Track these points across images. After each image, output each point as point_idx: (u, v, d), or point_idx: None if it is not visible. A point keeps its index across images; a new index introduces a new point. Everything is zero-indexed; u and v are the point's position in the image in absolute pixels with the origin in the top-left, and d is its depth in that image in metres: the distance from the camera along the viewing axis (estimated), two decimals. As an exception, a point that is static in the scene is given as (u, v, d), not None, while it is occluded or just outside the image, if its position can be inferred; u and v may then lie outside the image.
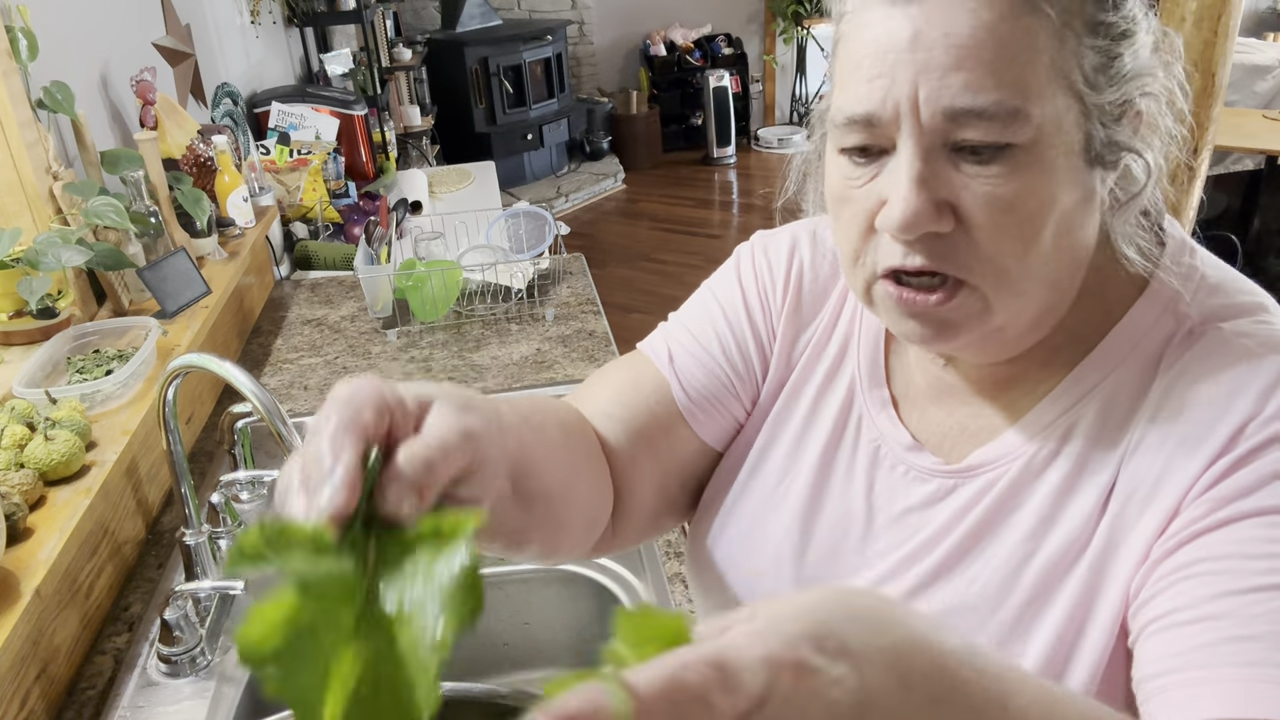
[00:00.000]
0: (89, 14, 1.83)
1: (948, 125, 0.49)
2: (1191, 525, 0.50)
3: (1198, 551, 0.49)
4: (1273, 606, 0.45)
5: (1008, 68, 0.48)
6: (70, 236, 1.35)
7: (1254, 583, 0.46)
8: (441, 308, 1.91)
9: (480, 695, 0.71)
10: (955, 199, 0.51)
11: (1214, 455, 0.51)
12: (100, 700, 1.06)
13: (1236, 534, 0.48)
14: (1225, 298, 0.57)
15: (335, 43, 4.10)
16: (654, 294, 4.63)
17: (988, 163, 0.50)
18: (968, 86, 0.48)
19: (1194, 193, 2.51)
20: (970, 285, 0.53)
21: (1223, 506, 0.49)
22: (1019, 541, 0.57)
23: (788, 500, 0.68)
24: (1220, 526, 0.49)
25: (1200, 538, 0.49)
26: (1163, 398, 0.54)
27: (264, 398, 0.94)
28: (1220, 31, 2.30)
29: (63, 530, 1.04)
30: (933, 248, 0.52)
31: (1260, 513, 0.48)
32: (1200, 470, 0.51)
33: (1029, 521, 0.57)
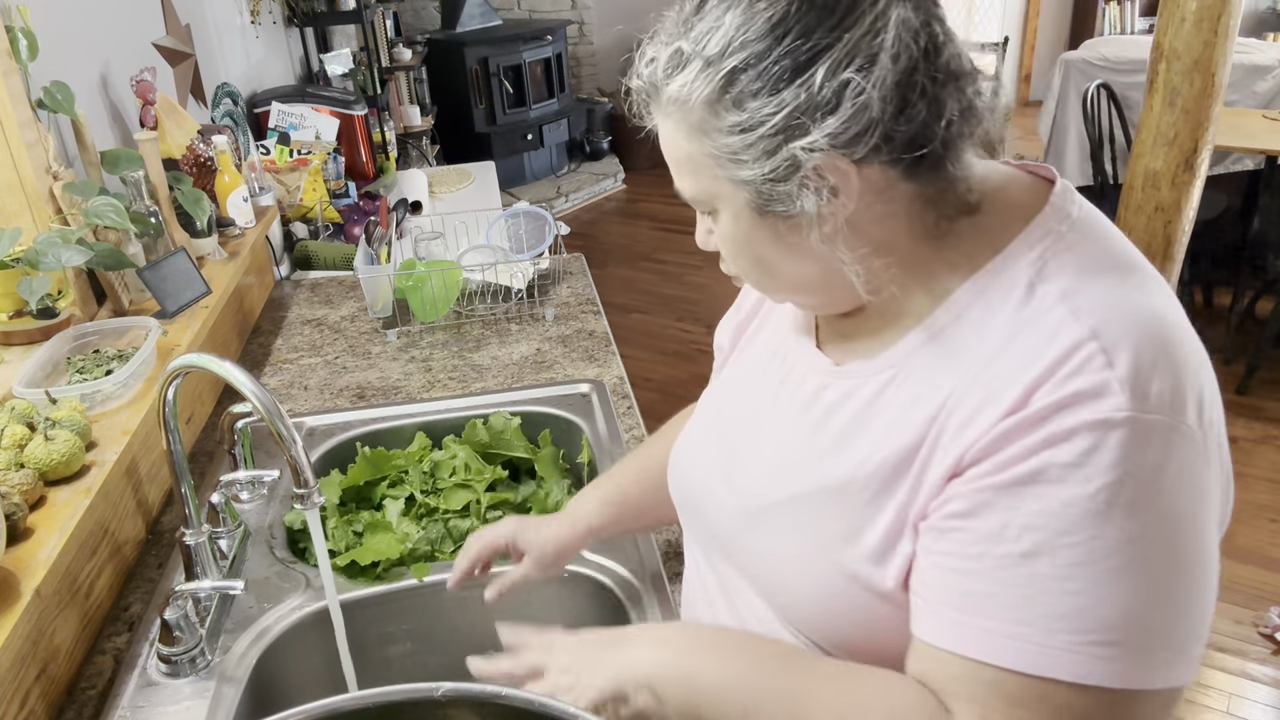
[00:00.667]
0: (89, 14, 1.83)
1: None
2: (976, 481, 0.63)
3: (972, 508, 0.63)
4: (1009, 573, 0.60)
5: (679, 163, 0.72)
6: (70, 236, 1.35)
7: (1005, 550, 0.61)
8: (441, 308, 1.91)
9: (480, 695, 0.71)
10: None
11: (1008, 410, 0.62)
12: (100, 700, 1.06)
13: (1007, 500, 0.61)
14: (1074, 265, 0.67)
15: (335, 43, 4.10)
16: (654, 294, 4.63)
17: (705, 217, 0.76)
18: (675, 172, 0.74)
19: (1193, 192, 2.51)
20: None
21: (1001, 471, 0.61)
22: (875, 440, 0.70)
23: (721, 403, 0.91)
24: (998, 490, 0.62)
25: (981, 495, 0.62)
26: (993, 350, 0.65)
27: (264, 398, 0.94)
28: (1220, 31, 2.30)
29: (63, 530, 1.04)
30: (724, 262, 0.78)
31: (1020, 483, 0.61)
32: (997, 419, 0.62)
33: (882, 423, 0.71)
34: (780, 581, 0.76)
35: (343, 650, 1.03)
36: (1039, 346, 0.62)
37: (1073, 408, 0.59)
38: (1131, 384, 0.59)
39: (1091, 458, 0.58)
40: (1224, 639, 2.43)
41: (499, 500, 1.36)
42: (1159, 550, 0.59)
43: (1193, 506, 0.60)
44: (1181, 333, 0.65)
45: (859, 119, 0.62)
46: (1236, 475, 0.72)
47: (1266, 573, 2.65)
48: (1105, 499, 0.58)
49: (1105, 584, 0.58)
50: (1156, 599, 0.59)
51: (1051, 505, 0.59)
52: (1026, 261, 0.67)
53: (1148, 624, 0.58)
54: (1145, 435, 0.58)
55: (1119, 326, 0.62)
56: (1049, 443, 0.60)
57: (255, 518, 1.35)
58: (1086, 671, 0.58)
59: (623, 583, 1.19)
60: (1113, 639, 0.58)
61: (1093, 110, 3.68)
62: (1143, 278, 0.67)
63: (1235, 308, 3.73)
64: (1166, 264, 2.61)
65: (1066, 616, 0.58)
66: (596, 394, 1.63)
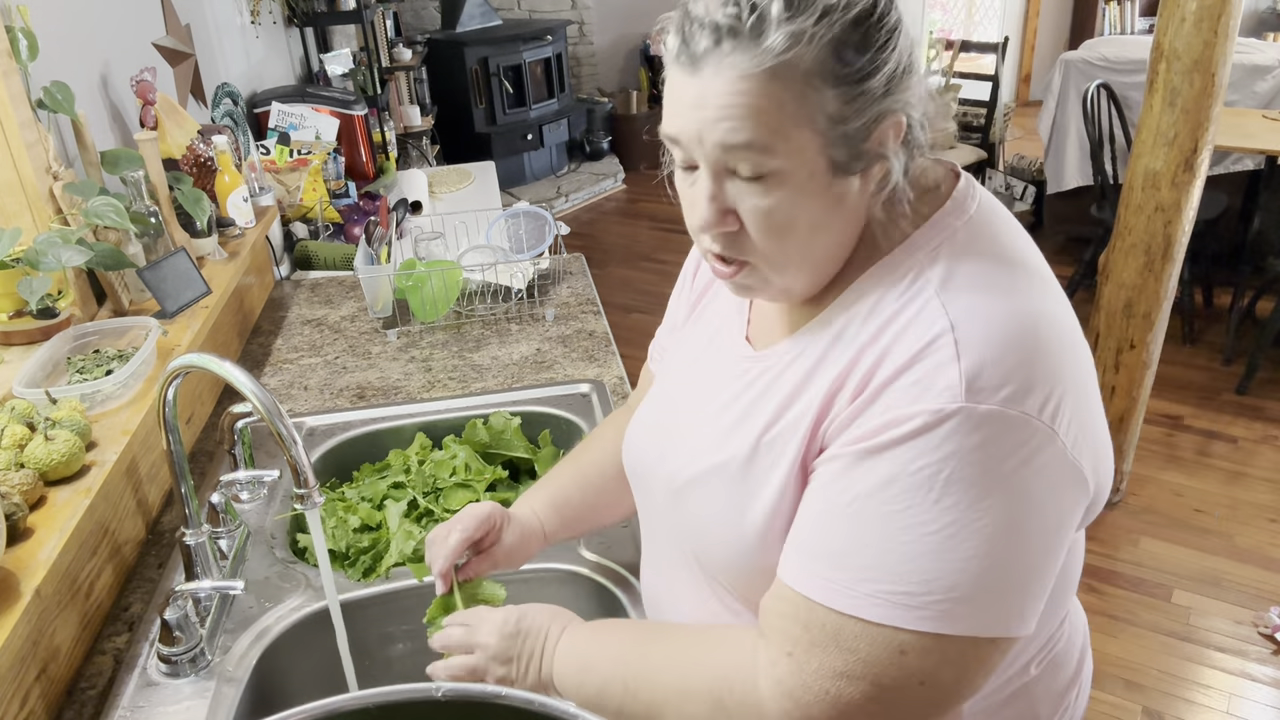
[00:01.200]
0: (89, 14, 1.83)
1: (723, 155, 0.68)
2: (835, 450, 0.72)
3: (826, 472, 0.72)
4: (839, 527, 0.70)
5: (757, 117, 0.66)
6: (70, 236, 1.35)
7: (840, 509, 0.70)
8: (441, 308, 1.91)
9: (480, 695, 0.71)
10: (736, 208, 0.71)
11: (869, 388, 0.70)
12: (100, 700, 1.06)
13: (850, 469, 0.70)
14: (962, 256, 0.72)
15: (335, 43, 4.10)
16: (654, 294, 4.63)
17: (753, 182, 0.69)
18: (731, 129, 0.67)
19: (1194, 192, 2.51)
20: (752, 264, 0.74)
21: (852, 444, 0.70)
22: (771, 414, 0.78)
23: (665, 388, 0.97)
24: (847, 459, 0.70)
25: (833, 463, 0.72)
26: (875, 329, 0.72)
27: (264, 398, 0.94)
28: (1220, 31, 2.30)
29: (63, 530, 1.04)
30: (725, 240, 0.73)
31: (862, 455, 0.69)
32: (855, 395, 0.71)
33: (779, 400, 0.78)
34: (705, 547, 0.83)
35: (343, 650, 1.03)
36: (906, 333, 0.69)
37: (918, 395, 0.67)
38: (970, 377, 0.66)
39: (920, 439, 0.66)
40: (1224, 639, 2.44)
41: (499, 500, 1.36)
42: (972, 523, 0.65)
43: (1023, 488, 0.67)
44: (1049, 332, 0.70)
45: (919, 84, 0.69)
46: (1237, 475, 0.74)
47: (1266, 573, 2.65)
48: (927, 475, 0.66)
49: (916, 547, 0.66)
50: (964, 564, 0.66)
51: (881, 477, 0.68)
52: (921, 254, 0.73)
53: (952, 585, 0.66)
54: (974, 423, 0.65)
55: (979, 321, 0.68)
56: (891, 424, 0.67)
57: (255, 518, 1.35)
58: (883, 615, 0.67)
59: (623, 582, 1.19)
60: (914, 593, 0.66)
61: (1093, 110, 3.68)
62: (1027, 276, 0.73)
63: (1235, 308, 3.73)
64: (1166, 264, 2.61)
65: (874, 568, 0.68)
66: (596, 394, 1.63)
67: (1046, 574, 0.71)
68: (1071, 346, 0.72)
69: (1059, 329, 0.71)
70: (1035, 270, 0.75)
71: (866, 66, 0.66)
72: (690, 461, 0.85)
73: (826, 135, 0.67)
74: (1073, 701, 0.91)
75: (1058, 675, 0.88)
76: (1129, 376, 2.76)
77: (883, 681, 0.68)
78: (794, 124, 0.66)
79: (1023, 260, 0.75)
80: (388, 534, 1.29)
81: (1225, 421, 3.34)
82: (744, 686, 0.74)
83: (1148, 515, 2.90)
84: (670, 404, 0.94)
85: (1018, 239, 0.77)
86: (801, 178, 0.68)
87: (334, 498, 1.41)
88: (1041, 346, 0.68)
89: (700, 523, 0.84)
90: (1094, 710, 2.23)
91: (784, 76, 0.65)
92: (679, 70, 0.69)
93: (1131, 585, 2.63)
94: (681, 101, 0.69)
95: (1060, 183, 4.48)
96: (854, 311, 0.75)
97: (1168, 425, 3.34)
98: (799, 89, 0.65)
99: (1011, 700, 0.85)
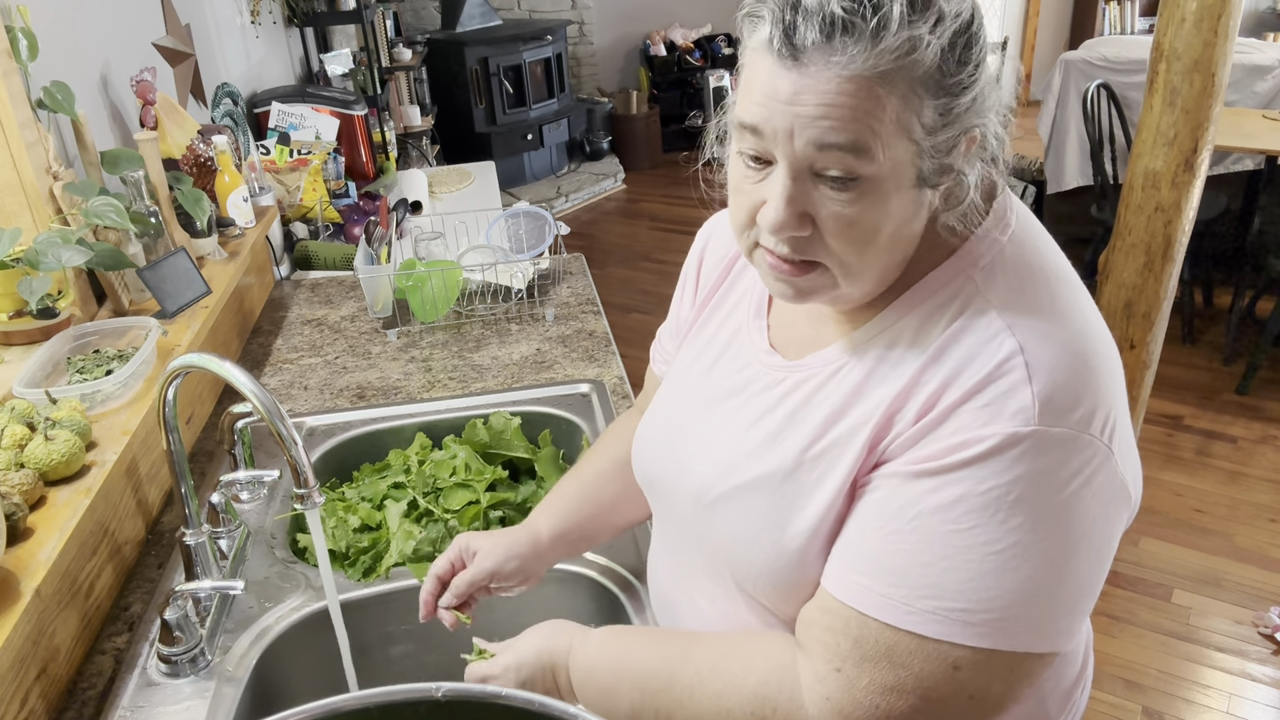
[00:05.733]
0: (89, 14, 1.83)
1: (814, 154, 0.65)
2: (894, 467, 0.70)
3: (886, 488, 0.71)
4: (898, 545, 0.68)
5: (862, 120, 0.63)
6: (70, 236, 1.35)
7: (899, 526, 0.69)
8: (441, 308, 1.91)
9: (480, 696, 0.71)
10: (814, 212, 0.68)
11: (937, 408, 0.68)
12: (100, 700, 1.06)
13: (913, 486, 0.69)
14: (1013, 272, 0.72)
15: (335, 43, 4.10)
16: (654, 294, 4.63)
17: (840, 189, 0.66)
18: (831, 128, 0.63)
19: (1194, 192, 2.51)
20: (824, 267, 0.71)
21: (916, 463, 0.69)
22: (817, 427, 0.76)
23: (677, 396, 0.94)
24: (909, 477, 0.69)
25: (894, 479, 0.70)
26: (930, 353, 0.70)
27: (264, 398, 0.94)
28: (1220, 31, 2.30)
29: (63, 530, 1.04)
30: (795, 243, 0.69)
31: (928, 474, 0.68)
32: (922, 414, 0.69)
33: (825, 412, 0.76)
34: (741, 560, 0.81)
35: (343, 650, 1.03)
36: (975, 356, 0.68)
37: (990, 420, 0.66)
38: (1043, 400, 0.65)
39: (992, 460, 0.65)
40: (1224, 639, 2.44)
41: (499, 500, 1.36)
42: (1035, 544, 0.65)
43: (1082, 509, 0.67)
44: (1099, 347, 0.70)
45: (996, 100, 0.68)
46: (1237, 475, 0.75)
47: (1266, 573, 2.65)
48: (995, 496, 0.65)
49: (980, 566, 0.66)
50: (1023, 584, 0.66)
51: (949, 497, 0.67)
52: (972, 270, 0.72)
53: (1010, 603, 0.66)
54: (1045, 446, 0.65)
55: (1046, 344, 0.67)
56: (962, 446, 0.66)
57: (255, 518, 1.35)
58: (940, 631, 0.67)
59: (623, 582, 1.19)
60: (973, 610, 0.66)
61: (1093, 110, 3.68)
62: (1070, 290, 0.73)
63: (1235, 308, 3.73)
64: (1166, 264, 2.61)
65: (934, 585, 0.67)
66: (596, 394, 1.63)
67: (1095, 590, 0.71)
68: (1114, 359, 0.73)
69: (1105, 344, 0.72)
70: (1075, 283, 0.75)
71: (965, 80, 0.65)
72: (725, 475, 0.82)
73: (920, 145, 0.65)
74: (1078, 699, 0.92)
75: (1066, 674, 0.88)
76: (1129, 376, 2.76)
77: (932, 695, 0.68)
78: (894, 131, 0.64)
79: (1065, 275, 0.74)
80: (388, 534, 1.29)
81: (1225, 421, 3.34)
82: (788, 705, 0.73)
83: (1148, 515, 2.90)
84: (687, 413, 0.91)
85: (1055, 251, 0.76)
86: (889, 187, 0.66)
87: (334, 498, 1.41)
88: (1096, 365, 0.69)
89: (737, 535, 0.81)
90: (1094, 710, 2.23)
91: (893, 81, 0.62)
92: (773, 60, 0.64)
93: (1131, 585, 2.63)
94: (773, 94, 0.64)
95: (1060, 183, 4.48)
96: (903, 325, 0.74)
97: (1168, 425, 3.34)
98: (904, 95, 0.63)
99: (1024, 699, 0.85)
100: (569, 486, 1.10)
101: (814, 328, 0.82)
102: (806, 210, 0.67)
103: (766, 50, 0.65)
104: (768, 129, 0.66)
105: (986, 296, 0.71)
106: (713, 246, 0.99)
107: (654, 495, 0.96)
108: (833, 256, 0.69)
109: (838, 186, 0.65)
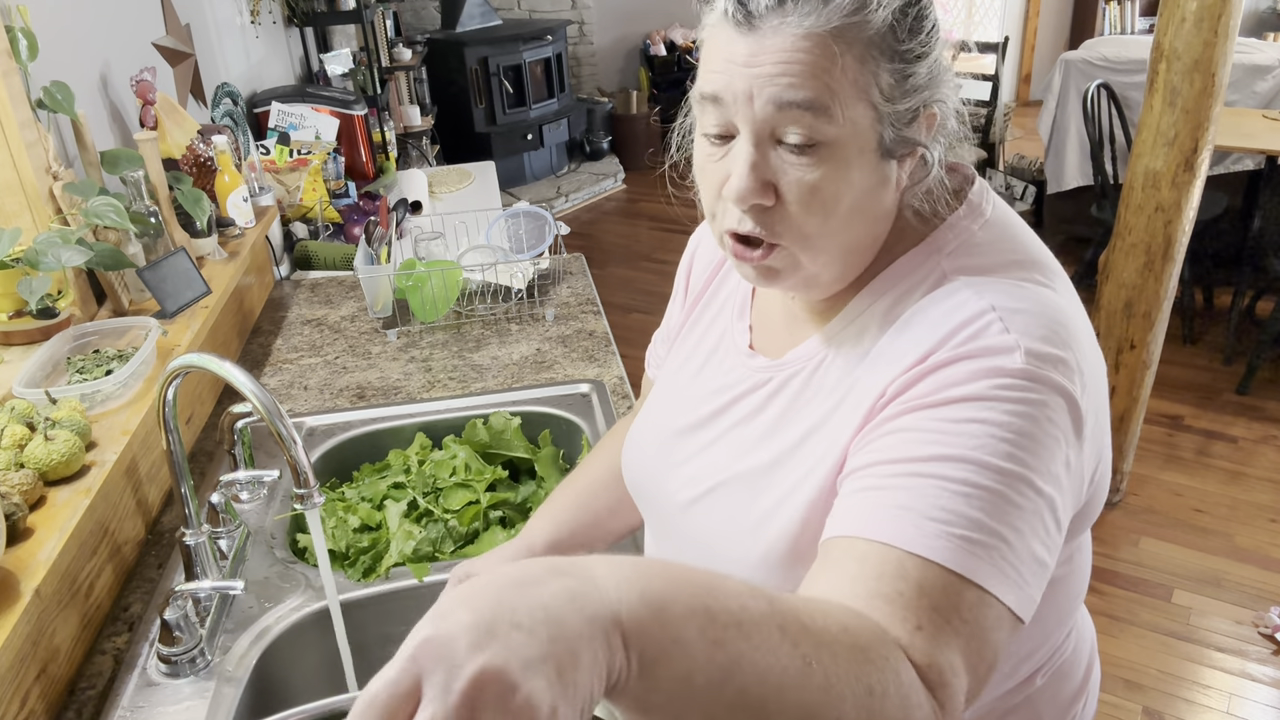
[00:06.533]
0: (89, 14, 1.83)
1: (775, 115, 0.65)
2: (884, 422, 0.68)
3: (881, 432, 0.68)
4: (920, 470, 0.63)
5: (819, 77, 0.64)
6: (70, 236, 1.35)
7: (915, 453, 0.64)
8: (441, 308, 1.91)
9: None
10: (776, 180, 0.68)
11: (913, 364, 0.68)
12: (100, 700, 1.06)
13: (911, 422, 0.66)
14: (983, 256, 0.72)
15: (335, 43, 4.10)
16: (654, 294, 4.63)
17: (801, 154, 0.66)
18: (789, 85, 0.64)
19: (1194, 192, 2.51)
20: (783, 246, 0.71)
21: (905, 405, 0.67)
22: (806, 421, 0.76)
23: (665, 400, 0.95)
24: (899, 416, 0.67)
25: (886, 423, 0.68)
26: (900, 326, 0.71)
27: (264, 398, 0.94)
28: (1220, 31, 2.30)
29: (63, 530, 1.04)
30: (759, 216, 0.70)
31: (924, 407, 0.66)
32: (903, 372, 0.68)
33: (813, 406, 0.76)
34: (719, 559, 0.80)
35: (343, 650, 1.03)
36: (943, 317, 0.68)
37: (975, 358, 0.65)
38: (1027, 346, 0.65)
39: (988, 392, 0.64)
40: (1224, 639, 2.44)
41: (499, 500, 1.36)
42: (1027, 480, 0.62)
43: (1056, 457, 0.64)
44: (1076, 323, 0.70)
45: (952, 85, 0.70)
46: (1237, 475, 0.74)
47: (1266, 573, 2.65)
48: (995, 425, 0.62)
49: (986, 495, 0.62)
50: (1017, 521, 0.62)
51: (948, 424, 0.64)
52: (941, 253, 0.73)
53: (1009, 540, 0.62)
54: (1036, 384, 0.64)
55: (1016, 304, 0.67)
56: (953, 382, 0.65)
57: (255, 518, 1.35)
58: (967, 565, 0.60)
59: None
60: (986, 541, 0.61)
61: (1093, 110, 3.68)
62: (1047, 274, 0.73)
63: (1235, 308, 3.73)
64: (1166, 264, 2.61)
65: (958, 514, 0.61)
66: (596, 394, 1.63)
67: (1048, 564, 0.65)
68: (1095, 351, 0.72)
69: (1083, 325, 0.72)
70: (1055, 270, 0.75)
71: (918, 49, 0.66)
72: (704, 476, 0.83)
73: (880, 111, 0.66)
74: (1079, 712, 0.91)
75: (1063, 686, 0.88)
76: (1129, 376, 2.76)
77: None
78: (853, 91, 0.64)
79: (1043, 260, 0.75)
80: (388, 534, 1.29)
81: (1225, 421, 3.34)
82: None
83: (1148, 515, 2.90)
84: (675, 418, 0.91)
85: (1034, 242, 0.77)
86: (851, 152, 0.66)
87: (334, 498, 1.41)
88: (1074, 337, 0.68)
89: (711, 538, 0.81)
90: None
91: (848, 38, 0.63)
92: (729, 28, 0.66)
93: (1131, 585, 2.63)
94: (731, 58, 0.66)
95: (1060, 183, 4.48)
96: (872, 312, 0.74)
97: (1168, 425, 3.34)
98: (859, 56, 0.64)
99: (1015, 711, 0.84)
100: (564, 496, 1.09)
101: (790, 325, 0.83)
102: (769, 179, 0.68)
103: (723, 21, 0.67)
104: (728, 94, 0.66)
105: (954, 274, 0.71)
106: (701, 252, 1.01)
107: (641, 500, 0.96)
108: (793, 231, 0.69)
109: (798, 151, 0.66)
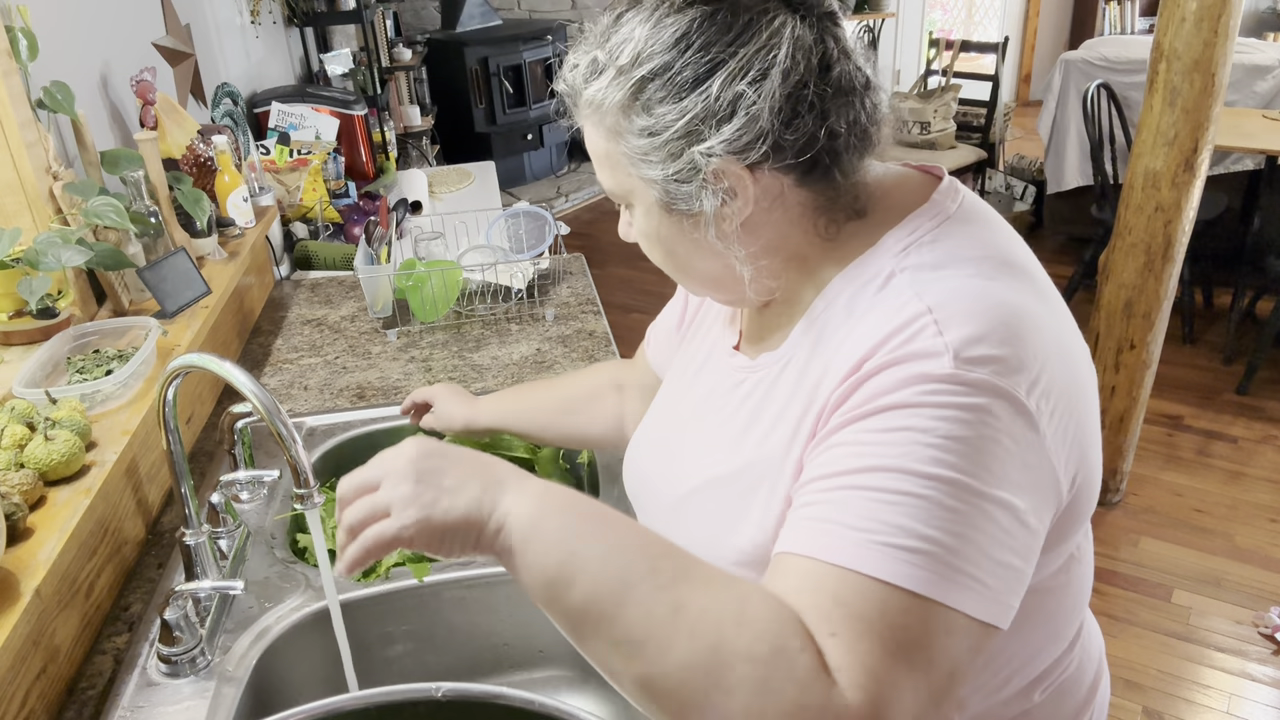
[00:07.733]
0: (89, 14, 1.83)
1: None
2: (826, 435, 0.70)
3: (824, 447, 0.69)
4: (846, 483, 0.65)
5: (599, 155, 0.78)
6: (70, 236, 1.35)
7: (844, 465, 0.66)
8: (441, 308, 1.91)
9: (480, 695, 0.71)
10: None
11: (849, 373, 0.69)
12: (100, 700, 1.06)
13: (845, 436, 0.67)
14: (936, 253, 0.72)
15: (335, 43, 4.10)
16: (654, 294, 4.63)
17: (627, 210, 0.82)
18: (599, 176, 0.80)
19: (1194, 192, 2.51)
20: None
21: (843, 417, 0.68)
22: (768, 424, 0.78)
23: (665, 402, 1.00)
24: (837, 430, 0.68)
25: (828, 437, 0.69)
26: (848, 330, 0.73)
27: (264, 398, 0.94)
28: (1220, 31, 2.30)
29: (63, 530, 1.04)
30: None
31: (856, 419, 0.67)
32: (840, 382, 0.70)
33: (775, 409, 0.78)
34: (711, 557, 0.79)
35: (343, 650, 1.03)
36: (883, 320, 0.69)
37: (902, 364, 0.66)
38: (957, 349, 0.64)
39: (914, 399, 0.64)
40: (1224, 639, 2.44)
41: (499, 500, 1.36)
42: (962, 484, 0.62)
43: (1005, 459, 0.64)
44: (1027, 319, 0.68)
45: (750, 128, 0.69)
46: (1237, 475, 0.73)
47: (1266, 573, 2.65)
48: (920, 431, 0.63)
49: (914, 500, 0.62)
50: (956, 526, 0.62)
51: (875, 434, 0.65)
52: (893, 252, 0.74)
53: (949, 545, 0.61)
54: (964, 388, 0.63)
55: (959, 304, 0.67)
56: (881, 391, 0.66)
57: (255, 518, 1.35)
58: (892, 571, 0.61)
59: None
60: (917, 547, 0.61)
61: (1093, 110, 3.68)
62: (1012, 273, 0.71)
63: (1235, 308, 3.73)
64: (1166, 264, 2.61)
65: (882, 521, 0.62)
66: (596, 394, 1.63)
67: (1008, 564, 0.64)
68: (1064, 350, 0.69)
69: (1043, 326, 0.69)
70: (1027, 271, 0.73)
71: (654, 125, 0.72)
72: (685, 479, 0.86)
73: (644, 180, 0.75)
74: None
75: (1065, 702, 0.85)
76: (1129, 376, 2.76)
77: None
78: (617, 163, 0.76)
79: (1011, 260, 0.73)
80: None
81: (1225, 421, 3.34)
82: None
83: (1148, 515, 2.90)
84: (667, 424, 0.96)
85: (1008, 242, 0.75)
86: (642, 209, 0.78)
87: (334, 498, 1.40)
88: (1021, 333, 0.66)
89: (701, 537, 0.81)
90: (1094, 710, 2.23)
91: (594, 121, 0.76)
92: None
93: (1131, 585, 2.63)
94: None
95: (1060, 183, 4.48)
96: (832, 312, 0.76)
97: (1168, 425, 3.34)
98: (606, 134, 0.76)
99: None
100: (526, 400, 1.30)
101: (766, 327, 0.86)
102: (631, 225, 0.83)
103: None
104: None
105: (900, 270, 0.72)
106: None
107: (637, 503, 0.99)
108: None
109: (626, 209, 0.82)
